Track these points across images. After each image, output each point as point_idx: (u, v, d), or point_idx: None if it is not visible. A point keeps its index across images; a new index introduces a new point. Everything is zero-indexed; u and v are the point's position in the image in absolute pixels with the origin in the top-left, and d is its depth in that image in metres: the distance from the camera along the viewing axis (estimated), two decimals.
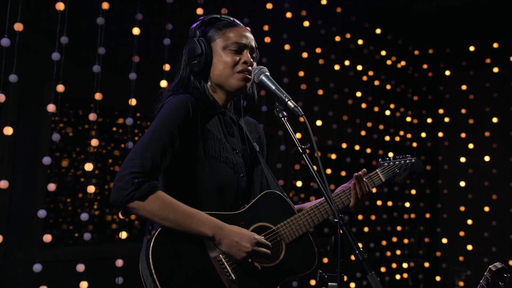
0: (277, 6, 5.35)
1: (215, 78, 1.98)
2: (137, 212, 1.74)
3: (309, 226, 1.97)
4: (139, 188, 1.71)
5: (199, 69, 1.97)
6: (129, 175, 1.72)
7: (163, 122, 1.83)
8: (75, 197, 4.78)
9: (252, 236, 1.81)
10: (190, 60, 1.98)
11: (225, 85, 1.98)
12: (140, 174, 1.73)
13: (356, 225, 6.70)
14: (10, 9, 3.41)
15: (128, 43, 4.14)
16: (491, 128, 6.97)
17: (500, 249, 6.79)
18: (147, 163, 1.75)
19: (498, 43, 6.81)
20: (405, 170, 2.24)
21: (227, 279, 1.80)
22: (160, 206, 1.73)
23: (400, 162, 2.24)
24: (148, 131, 1.83)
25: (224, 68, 1.96)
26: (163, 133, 1.80)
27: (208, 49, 1.97)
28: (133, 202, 1.72)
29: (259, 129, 2.22)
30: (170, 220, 1.74)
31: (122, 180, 1.72)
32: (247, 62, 1.97)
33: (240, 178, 1.97)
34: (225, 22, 2.03)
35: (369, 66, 6.88)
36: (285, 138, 5.51)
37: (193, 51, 1.97)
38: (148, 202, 1.73)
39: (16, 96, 3.79)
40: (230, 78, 1.96)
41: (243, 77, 1.96)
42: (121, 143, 5.09)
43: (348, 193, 2.08)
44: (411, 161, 2.26)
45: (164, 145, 1.79)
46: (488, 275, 1.91)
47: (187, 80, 1.99)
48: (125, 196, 1.70)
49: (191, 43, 1.99)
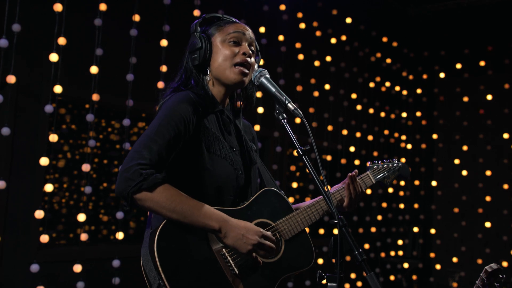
0: (273, 8, 5.37)
1: (214, 71, 1.99)
2: (143, 203, 1.73)
3: (307, 223, 2.01)
4: (147, 179, 1.70)
5: (199, 63, 1.98)
6: (136, 166, 1.71)
7: (169, 116, 1.83)
8: (71, 198, 4.77)
9: (257, 229, 1.83)
10: (191, 54, 2.00)
11: (223, 78, 1.99)
12: (147, 166, 1.73)
13: (350, 226, 6.73)
14: (8, 10, 3.42)
15: (125, 44, 4.15)
16: (485, 130, 7.02)
17: (493, 251, 6.83)
18: (154, 155, 1.75)
19: (492, 46, 6.86)
20: (393, 173, 2.30)
21: (230, 273, 1.81)
22: (167, 197, 1.74)
23: (388, 165, 2.30)
24: (154, 124, 1.83)
25: (223, 60, 1.97)
26: (169, 127, 1.81)
27: (208, 44, 1.98)
28: (141, 193, 1.71)
29: (253, 132, 2.24)
30: (178, 212, 1.74)
31: (129, 171, 1.71)
32: (245, 53, 1.98)
33: (239, 175, 1.99)
34: (226, 21, 2.06)
35: (365, 68, 6.92)
36: (281, 139, 5.53)
37: (193, 45, 1.99)
38: (156, 193, 1.72)
39: (13, 97, 3.79)
40: (228, 70, 1.97)
41: (241, 71, 1.96)
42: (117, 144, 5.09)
43: (342, 193, 2.13)
44: (398, 164, 2.32)
45: (169, 139, 1.80)
46: (484, 276, 1.94)
47: (188, 75, 2.01)
48: (132, 186, 1.70)
49: (192, 38, 2.01)
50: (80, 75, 4.12)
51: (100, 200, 5.00)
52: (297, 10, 5.68)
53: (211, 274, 1.79)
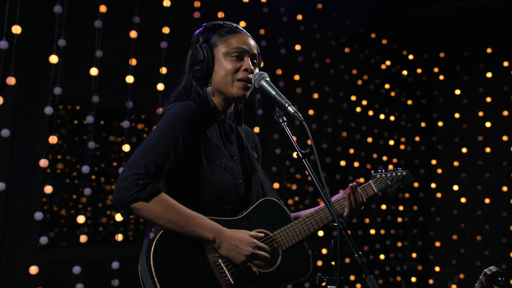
0: (273, 10, 5.38)
1: (216, 84, 1.99)
2: (140, 213, 1.75)
3: (305, 233, 1.99)
4: (144, 189, 1.72)
5: (201, 75, 1.98)
6: (133, 176, 1.73)
7: (168, 126, 1.84)
8: (71, 199, 4.78)
9: (251, 240, 1.83)
10: (193, 66, 1.99)
11: (225, 92, 1.99)
12: (144, 176, 1.74)
13: (350, 228, 6.72)
14: (8, 11, 3.42)
15: (125, 46, 4.16)
16: (484, 132, 7.03)
17: (493, 253, 6.84)
18: (151, 165, 1.76)
19: (492, 48, 6.87)
20: (397, 182, 2.27)
21: (226, 283, 1.82)
22: (163, 208, 1.75)
23: (391, 174, 2.27)
24: (153, 134, 1.84)
25: (225, 75, 1.97)
26: (168, 137, 1.82)
27: (210, 55, 1.98)
28: (137, 203, 1.73)
29: (255, 138, 2.24)
30: (173, 222, 1.76)
31: (125, 181, 1.73)
32: (247, 69, 1.98)
33: (239, 184, 1.99)
34: (228, 29, 2.04)
35: (364, 70, 6.92)
36: (281, 141, 5.54)
37: (195, 57, 1.99)
38: (152, 203, 1.74)
39: (13, 98, 3.79)
40: (230, 85, 1.97)
41: (243, 86, 1.97)
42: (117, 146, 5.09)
43: (342, 203, 2.11)
44: (402, 173, 2.29)
45: (168, 149, 1.81)
46: (483, 278, 1.94)
47: (189, 85, 2.01)
48: (129, 196, 1.71)
49: (194, 49, 2.00)
50: (80, 76, 4.13)
51: (100, 202, 5.00)
52: (297, 12, 5.69)
53: (206, 284, 1.79)
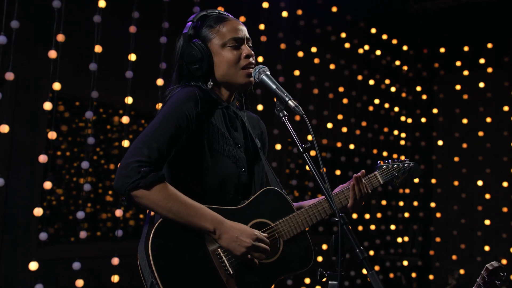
0: (273, 5, 5.35)
1: (220, 77, 1.97)
2: (140, 200, 1.72)
3: (307, 224, 1.97)
4: (145, 177, 1.70)
5: (202, 73, 1.95)
6: (134, 163, 1.70)
7: (171, 113, 1.81)
8: (70, 195, 4.77)
9: (252, 232, 1.82)
10: (191, 65, 1.95)
11: (232, 83, 1.97)
12: (146, 163, 1.71)
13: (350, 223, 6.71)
14: (7, 6, 3.40)
15: (124, 41, 4.14)
16: (484, 128, 7.01)
17: (493, 248, 6.83)
18: (153, 152, 1.73)
19: (492, 43, 6.84)
20: (403, 174, 2.22)
21: (225, 273, 1.80)
22: (164, 196, 1.73)
23: (398, 165, 2.22)
24: (155, 121, 1.81)
25: (228, 67, 1.94)
26: (171, 124, 1.79)
27: (207, 51, 1.94)
28: (138, 191, 1.70)
29: (261, 125, 2.20)
30: (173, 211, 1.74)
31: (127, 168, 1.70)
32: (249, 55, 1.96)
33: (241, 172, 1.97)
34: (215, 17, 2.00)
35: (364, 65, 6.90)
36: (281, 137, 5.52)
37: (192, 56, 1.94)
38: (153, 191, 1.72)
39: (12, 94, 3.78)
40: (236, 76, 1.95)
41: (248, 73, 1.95)
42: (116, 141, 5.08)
43: (346, 194, 2.08)
44: (409, 164, 2.24)
45: (170, 136, 1.78)
46: (485, 273, 1.93)
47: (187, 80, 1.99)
48: (130, 183, 1.69)
49: (188, 48, 1.95)
50: (79, 72, 4.11)
51: (99, 198, 4.99)
52: (297, 7, 5.67)
53: (205, 273, 1.78)
